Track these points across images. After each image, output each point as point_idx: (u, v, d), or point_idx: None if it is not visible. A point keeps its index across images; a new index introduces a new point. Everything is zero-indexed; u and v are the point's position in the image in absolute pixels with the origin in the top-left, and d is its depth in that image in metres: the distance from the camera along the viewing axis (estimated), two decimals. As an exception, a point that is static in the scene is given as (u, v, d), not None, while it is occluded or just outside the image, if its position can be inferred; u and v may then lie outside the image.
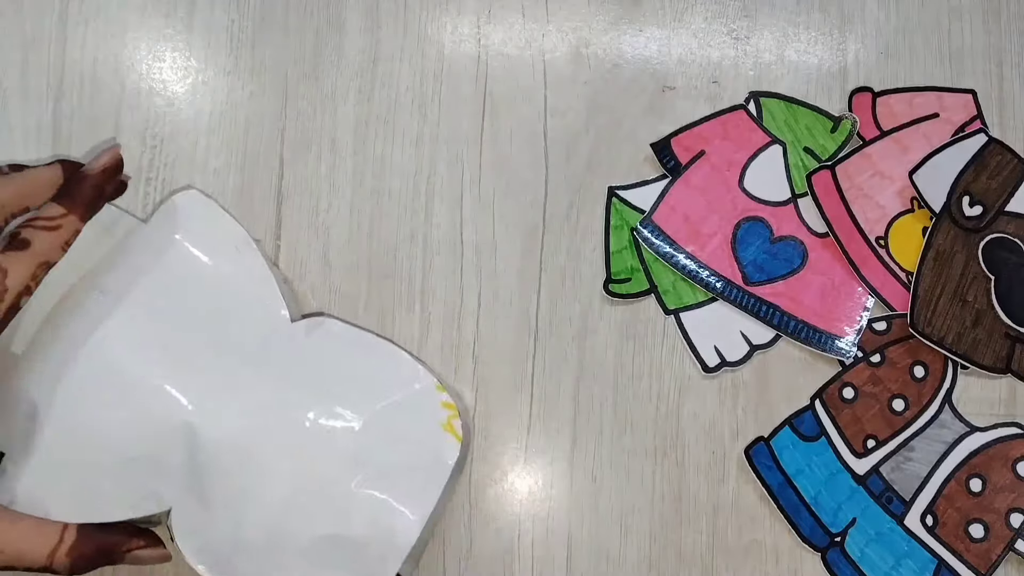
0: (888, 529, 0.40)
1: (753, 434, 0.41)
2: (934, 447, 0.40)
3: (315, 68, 0.43)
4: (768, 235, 0.42)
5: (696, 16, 0.44)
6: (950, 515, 0.40)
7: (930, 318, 0.40)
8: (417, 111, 0.43)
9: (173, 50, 0.43)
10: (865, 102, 0.43)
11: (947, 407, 0.41)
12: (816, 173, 0.42)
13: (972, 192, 0.41)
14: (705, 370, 0.42)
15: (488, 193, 0.43)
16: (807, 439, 0.41)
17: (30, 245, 0.34)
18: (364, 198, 0.43)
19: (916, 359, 0.41)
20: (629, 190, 0.43)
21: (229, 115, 0.43)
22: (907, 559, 0.40)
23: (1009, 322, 0.40)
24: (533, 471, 0.41)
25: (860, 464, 0.41)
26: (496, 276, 0.42)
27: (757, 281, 0.42)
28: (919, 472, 0.40)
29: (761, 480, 0.41)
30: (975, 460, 0.40)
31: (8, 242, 0.34)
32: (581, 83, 0.44)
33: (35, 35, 0.43)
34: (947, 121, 0.43)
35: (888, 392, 0.41)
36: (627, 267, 0.42)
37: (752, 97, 0.44)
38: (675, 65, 0.44)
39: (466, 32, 0.44)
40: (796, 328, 0.41)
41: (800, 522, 0.40)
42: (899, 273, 0.42)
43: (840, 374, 0.41)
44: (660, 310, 0.42)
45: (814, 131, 0.43)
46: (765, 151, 0.43)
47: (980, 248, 0.41)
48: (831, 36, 0.44)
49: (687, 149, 0.43)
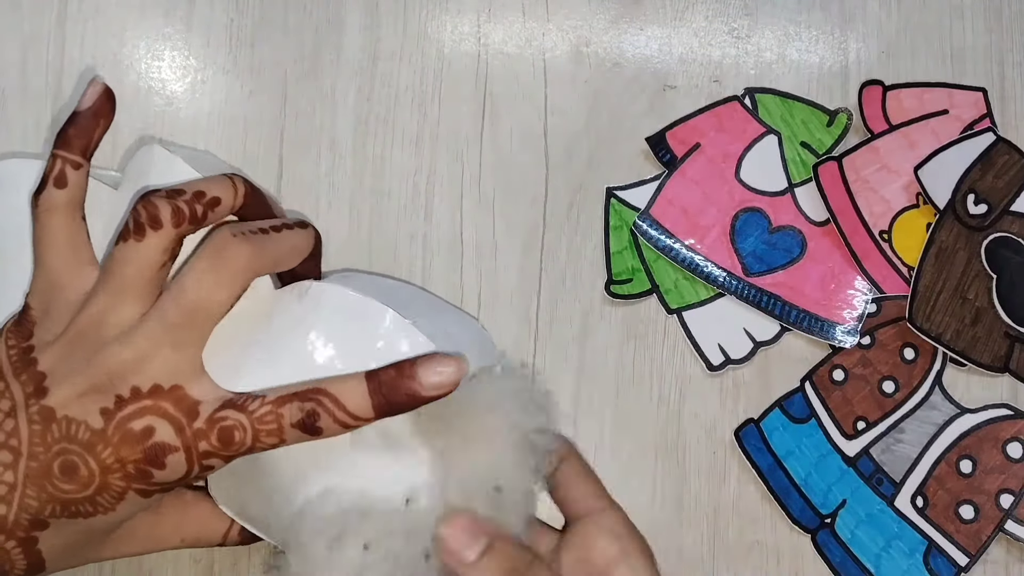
0: (878, 510, 0.40)
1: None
2: (924, 429, 0.41)
3: (314, 67, 0.43)
4: (766, 225, 0.42)
5: (697, 15, 0.44)
6: (940, 496, 0.40)
7: (929, 313, 0.41)
8: (417, 110, 0.43)
9: (172, 49, 0.43)
10: (875, 95, 0.43)
11: (937, 389, 0.41)
12: (823, 164, 0.42)
13: (977, 190, 0.41)
14: (710, 368, 0.41)
15: (488, 193, 0.43)
16: (797, 421, 0.41)
17: (321, 433, 0.30)
18: (364, 198, 0.42)
19: (906, 341, 0.41)
20: (627, 190, 0.43)
21: (228, 114, 0.43)
22: (897, 540, 0.40)
23: (1009, 321, 0.41)
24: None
25: (850, 446, 0.41)
26: (496, 276, 0.42)
27: (757, 272, 0.42)
28: (909, 454, 0.40)
29: (751, 462, 0.41)
30: (965, 441, 0.40)
31: (304, 417, 0.30)
32: (582, 82, 0.44)
33: (34, 34, 0.42)
34: (956, 118, 0.43)
35: (878, 374, 0.41)
36: (628, 267, 0.42)
37: (747, 93, 0.44)
38: (676, 64, 0.44)
39: (466, 31, 0.44)
40: (798, 318, 0.41)
41: (790, 504, 0.40)
42: (901, 268, 0.42)
43: (830, 356, 0.42)
44: (661, 310, 0.42)
45: (810, 125, 0.43)
46: (760, 141, 0.43)
47: (983, 246, 0.41)
48: (832, 35, 0.44)
49: (682, 142, 0.43)
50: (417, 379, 0.29)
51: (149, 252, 0.31)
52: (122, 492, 0.30)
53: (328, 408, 0.30)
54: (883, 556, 0.40)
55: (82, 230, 0.33)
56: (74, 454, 0.29)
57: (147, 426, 0.29)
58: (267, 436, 0.30)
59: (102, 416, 0.29)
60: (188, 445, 0.30)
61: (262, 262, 0.31)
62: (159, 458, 0.29)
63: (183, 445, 0.30)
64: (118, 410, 0.29)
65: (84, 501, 0.30)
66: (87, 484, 0.29)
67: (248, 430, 0.30)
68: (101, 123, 0.34)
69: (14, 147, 0.42)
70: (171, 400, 0.30)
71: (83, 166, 0.33)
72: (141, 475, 0.30)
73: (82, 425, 0.29)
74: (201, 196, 0.32)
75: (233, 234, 0.31)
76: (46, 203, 0.33)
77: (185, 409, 0.30)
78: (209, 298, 0.30)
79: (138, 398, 0.30)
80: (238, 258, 0.30)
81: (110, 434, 0.29)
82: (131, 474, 0.30)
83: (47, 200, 0.33)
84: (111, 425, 0.29)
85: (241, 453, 0.30)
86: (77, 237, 0.33)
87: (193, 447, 0.30)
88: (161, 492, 0.31)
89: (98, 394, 0.30)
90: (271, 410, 0.30)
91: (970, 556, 0.39)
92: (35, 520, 0.30)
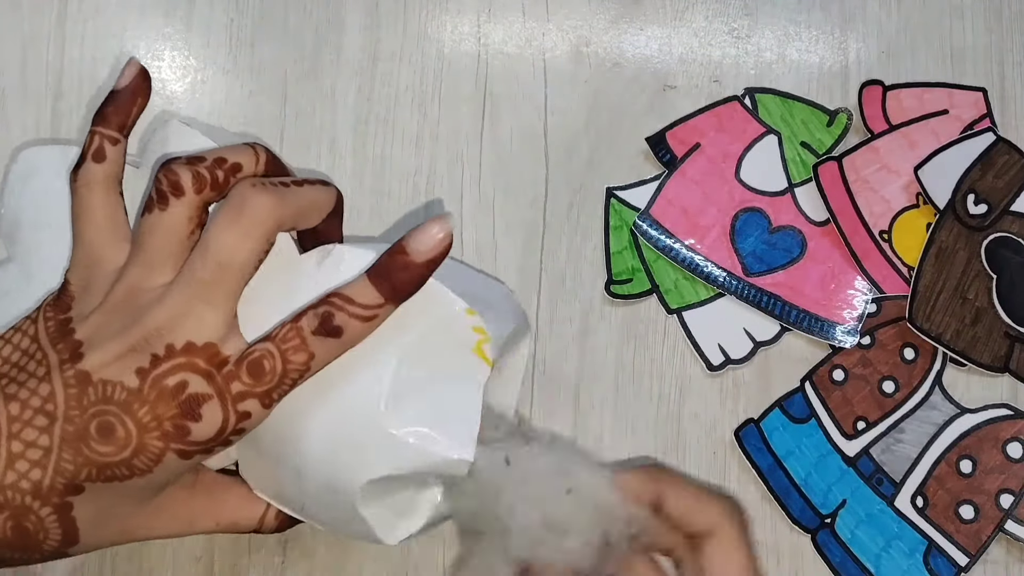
0: (878, 510, 0.40)
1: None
2: (924, 429, 0.41)
3: (314, 67, 0.43)
4: (766, 225, 0.42)
5: (697, 15, 0.44)
6: (940, 496, 0.40)
7: (929, 313, 0.41)
8: (417, 110, 0.43)
9: (172, 49, 0.43)
10: (875, 95, 0.43)
11: (937, 389, 0.41)
12: (823, 164, 0.42)
13: (977, 190, 0.41)
14: (710, 368, 0.41)
15: (488, 193, 0.43)
16: (797, 421, 0.41)
17: (342, 333, 0.30)
18: (364, 198, 0.42)
19: (906, 341, 0.41)
20: (627, 190, 0.43)
21: (228, 114, 0.43)
22: (897, 540, 0.40)
23: (1009, 321, 0.41)
24: (534, 472, 0.41)
25: (850, 446, 0.41)
26: (496, 276, 0.42)
27: (757, 272, 0.42)
28: (909, 454, 0.40)
29: (751, 462, 0.41)
30: (965, 441, 0.40)
31: (320, 321, 0.30)
32: (582, 82, 0.44)
33: (34, 34, 0.42)
34: (956, 118, 0.43)
35: (878, 374, 0.41)
36: (628, 267, 0.42)
37: (747, 93, 0.44)
38: (676, 64, 0.44)
39: (466, 31, 0.44)
40: (798, 318, 0.41)
41: (790, 504, 0.40)
42: (901, 268, 0.42)
43: (830, 356, 0.42)
44: (661, 310, 0.42)
45: (810, 125, 0.43)
46: (760, 141, 0.43)
47: (983, 246, 0.41)
48: (832, 35, 0.44)
49: (682, 142, 0.43)
50: (408, 251, 0.30)
51: (174, 220, 0.31)
52: (160, 453, 0.30)
53: (340, 305, 0.30)
54: (883, 556, 0.40)
55: (120, 206, 0.33)
56: (111, 415, 0.29)
57: (181, 380, 0.29)
58: (294, 353, 0.30)
59: (137, 376, 0.29)
60: (221, 391, 0.30)
61: (284, 212, 0.31)
62: (194, 410, 0.29)
63: (216, 392, 0.30)
64: (153, 368, 0.29)
65: (121, 464, 0.29)
66: (124, 445, 0.29)
67: (276, 355, 0.30)
68: (138, 101, 0.34)
69: (13, 146, 0.42)
70: (204, 356, 0.30)
71: (120, 142, 0.33)
72: (178, 432, 0.29)
73: (118, 386, 0.29)
74: (222, 162, 0.32)
75: (253, 185, 0.31)
76: (85, 177, 0.33)
77: (217, 363, 0.30)
78: (235, 250, 0.30)
79: (172, 356, 0.30)
80: (260, 208, 0.30)
81: (146, 393, 0.29)
82: (168, 432, 0.29)
83: (86, 174, 0.33)
84: (147, 384, 0.29)
85: (276, 385, 0.30)
86: (116, 213, 0.33)
87: (226, 391, 0.30)
88: (201, 454, 0.30)
89: (134, 354, 0.30)
90: (291, 327, 0.30)
91: (970, 556, 0.39)
92: (70, 484, 0.29)
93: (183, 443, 0.30)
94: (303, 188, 0.33)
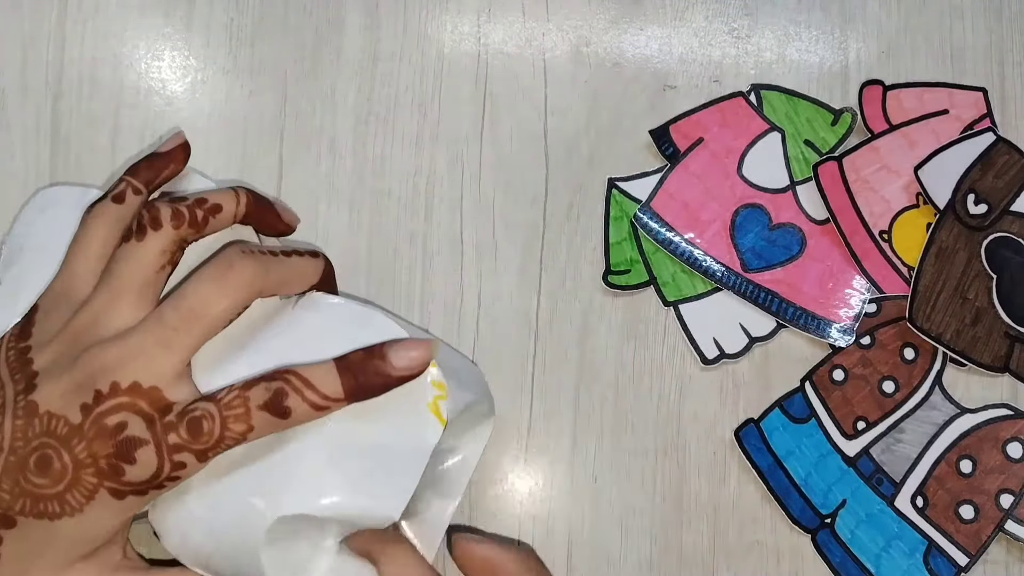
0: (878, 510, 0.40)
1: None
2: (924, 429, 0.41)
3: (314, 67, 0.43)
4: (767, 222, 0.42)
5: (697, 15, 0.44)
6: (940, 496, 0.40)
7: (929, 313, 0.41)
8: (417, 110, 0.43)
9: (172, 49, 0.43)
10: (875, 95, 0.43)
11: (937, 389, 0.41)
12: (823, 164, 0.42)
13: (978, 190, 0.41)
14: (704, 362, 0.41)
15: (488, 193, 0.43)
16: (797, 421, 0.41)
17: (289, 415, 0.30)
18: (364, 198, 0.42)
19: (906, 341, 0.41)
20: (629, 181, 0.43)
21: (228, 114, 0.43)
22: (897, 540, 0.40)
23: (1009, 321, 0.41)
24: (533, 472, 0.41)
25: (850, 446, 0.41)
26: (496, 276, 0.42)
27: (756, 268, 0.42)
28: (909, 454, 0.40)
29: (751, 461, 0.41)
30: (965, 441, 0.40)
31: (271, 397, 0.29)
32: (582, 82, 0.44)
33: (34, 33, 0.42)
34: (956, 118, 0.43)
35: (878, 374, 0.41)
36: (626, 258, 0.42)
37: (753, 89, 0.44)
38: (676, 64, 0.44)
39: (466, 31, 0.44)
40: (795, 315, 0.41)
41: (790, 504, 0.40)
42: (901, 268, 0.42)
43: (830, 356, 0.42)
44: (661, 310, 0.42)
45: (815, 124, 0.43)
46: (764, 138, 0.43)
47: (983, 246, 0.41)
48: (832, 35, 0.44)
49: (686, 136, 0.43)
50: (387, 359, 0.30)
51: (148, 252, 0.32)
52: (93, 490, 0.30)
53: (296, 387, 0.30)
54: (883, 556, 0.40)
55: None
56: (51, 448, 0.29)
57: (121, 421, 0.30)
58: (235, 422, 0.30)
59: (81, 411, 0.30)
60: (158, 438, 0.30)
61: (267, 281, 0.32)
62: (130, 453, 0.29)
63: (153, 439, 0.30)
64: (96, 405, 0.30)
65: (54, 498, 0.29)
66: (59, 479, 0.29)
67: (216, 418, 0.30)
68: (171, 167, 0.36)
69: (13, 146, 0.42)
70: (147, 399, 0.30)
71: (143, 193, 0.35)
72: (112, 471, 0.29)
73: (62, 420, 0.30)
74: (203, 202, 0.33)
75: (242, 250, 0.31)
76: (98, 210, 0.34)
77: (160, 408, 0.30)
78: (209, 303, 0.30)
79: (116, 394, 0.30)
80: (245, 272, 0.31)
81: (86, 429, 0.29)
82: (103, 469, 0.29)
83: (99, 207, 0.34)
84: (88, 420, 0.29)
85: (212, 446, 0.30)
86: (110, 251, 0.33)
87: (163, 441, 0.30)
88: (135, 495, 0.30)
89: (81, 389, 0.30)
90: (238, 394, 0.30)
91: (970, 556, 0.39)
92: (3, 516, 0.29)
93: (117, 482, 0.30)
94: (291, 259, 0.33)
